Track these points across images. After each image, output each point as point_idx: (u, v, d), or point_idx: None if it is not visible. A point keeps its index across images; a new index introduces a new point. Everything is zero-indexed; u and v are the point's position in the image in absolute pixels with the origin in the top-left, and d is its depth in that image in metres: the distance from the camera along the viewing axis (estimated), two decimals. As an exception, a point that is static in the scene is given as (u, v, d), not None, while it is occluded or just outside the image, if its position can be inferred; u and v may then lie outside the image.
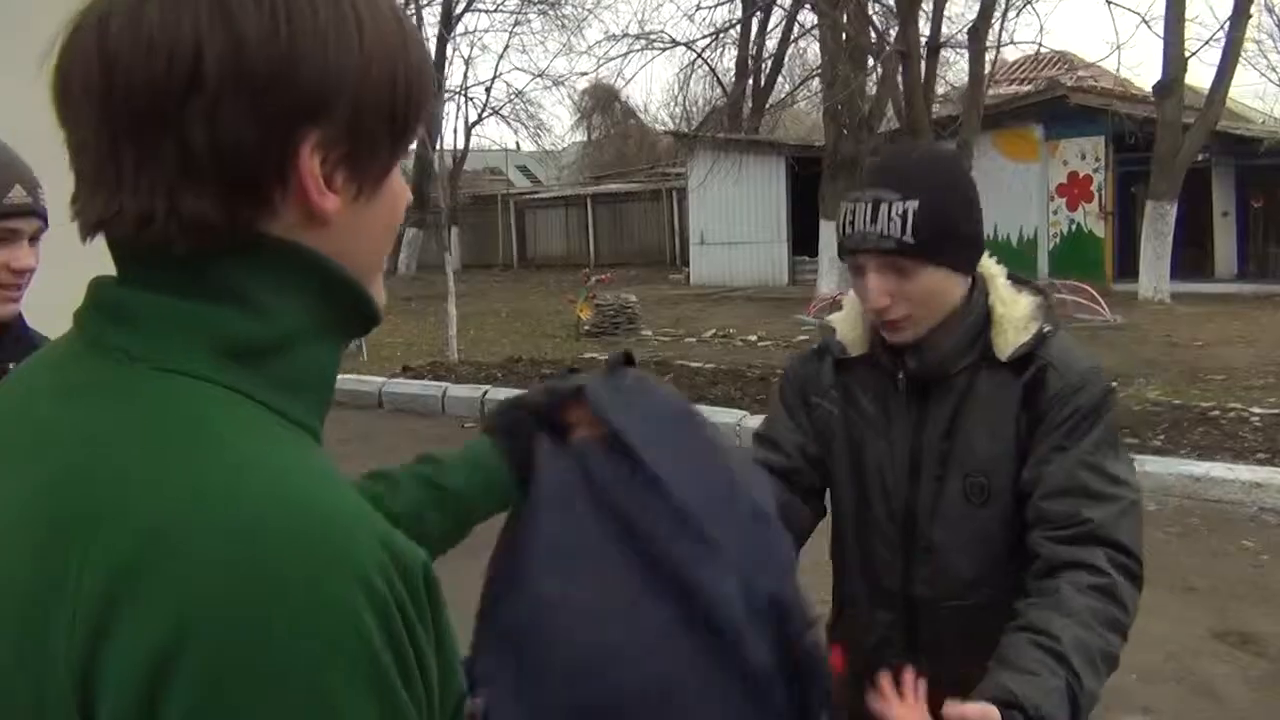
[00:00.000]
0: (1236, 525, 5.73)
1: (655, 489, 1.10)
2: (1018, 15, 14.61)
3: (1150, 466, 6.44)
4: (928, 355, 1.61)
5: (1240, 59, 16.01)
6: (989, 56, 8.93)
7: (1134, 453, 6.70)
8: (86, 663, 0.59)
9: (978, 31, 8.49)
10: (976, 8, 8.48)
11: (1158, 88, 15.45)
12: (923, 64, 8.30)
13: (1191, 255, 17.51)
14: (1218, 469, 6.31)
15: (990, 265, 1.67)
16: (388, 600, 0.62)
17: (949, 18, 9.92)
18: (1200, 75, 18.19)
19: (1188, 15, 15.37)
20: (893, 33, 8.87)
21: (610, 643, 1.05)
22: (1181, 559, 5.26)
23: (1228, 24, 15.59)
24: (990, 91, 14.67)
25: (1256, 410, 7.73)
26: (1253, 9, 16.02)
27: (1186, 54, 15.37)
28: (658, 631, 1.05)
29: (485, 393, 9.52)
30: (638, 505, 1.10)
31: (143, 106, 0.65)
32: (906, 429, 1.65)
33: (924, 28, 8.71)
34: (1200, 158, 16.05)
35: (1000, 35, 9.38)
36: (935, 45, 8.76)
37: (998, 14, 8.84)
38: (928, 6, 8.47)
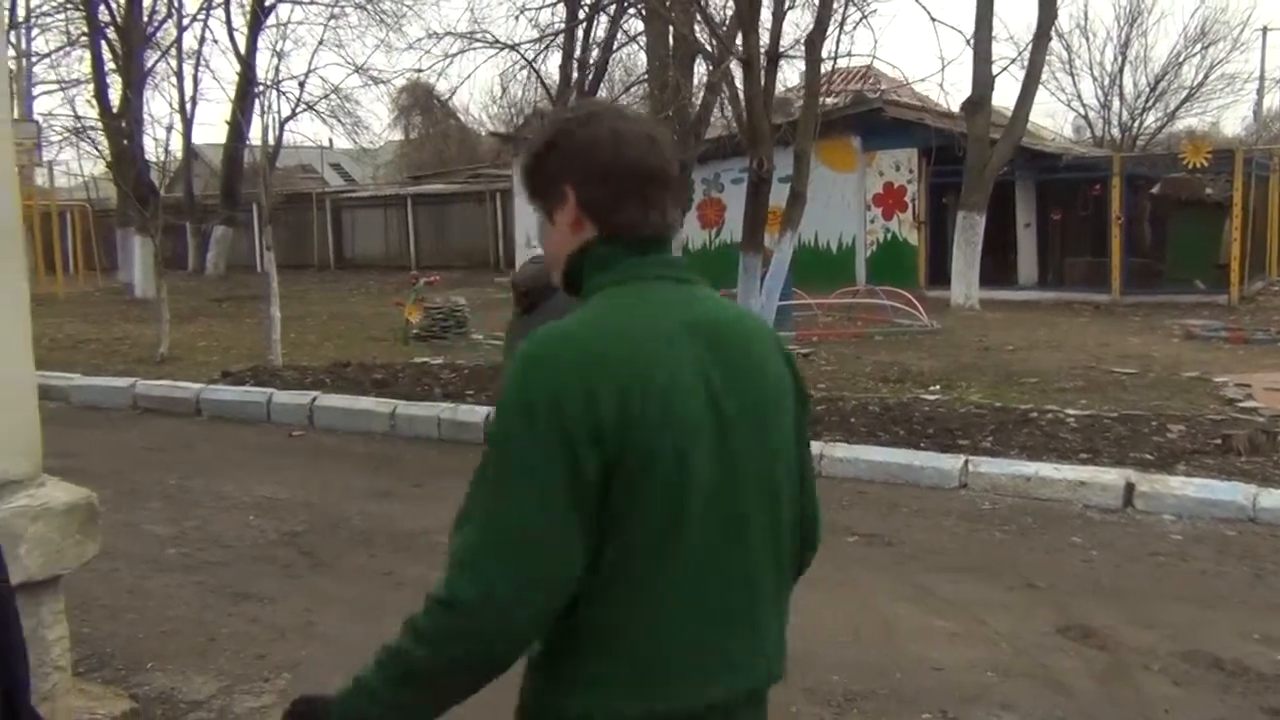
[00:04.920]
0: (1066, 523, 5.99)
1: None
2: (855, 29, 15.03)
3: (984, 467, 6.69)
4: None
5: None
6: (825, 68, 9.16)
7: (967, 454, 6.97)
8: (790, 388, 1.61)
9: (814, 42, 8.67)
10: (813, 20, 8.67)
11: (967, 104, 16.22)
12: (763, 73, 8.42)
13: (997, 264, 18.45)
14: (1045, 469, 6.59)
15: None
16: None
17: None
18: (1003, 94, 19.24)
19: (994, 36, 16.22)
20: (729, 40, 8.98)
21: None
22: (1021, 557, 5.46)
23: (1030, 47, 16.53)
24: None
25: (1071, 412, 8.15)
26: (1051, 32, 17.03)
27: (994, 73, 16.20)
28: None
29: (314, 399, 9.09)
30: None
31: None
32: None
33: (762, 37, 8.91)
34: (1004, 170, 16.92)
35: (837, 47, 9.66)
36: (775, 55, 8.89)
37: (834, 26, 9.06)
38: (766, 16, 8.64)
